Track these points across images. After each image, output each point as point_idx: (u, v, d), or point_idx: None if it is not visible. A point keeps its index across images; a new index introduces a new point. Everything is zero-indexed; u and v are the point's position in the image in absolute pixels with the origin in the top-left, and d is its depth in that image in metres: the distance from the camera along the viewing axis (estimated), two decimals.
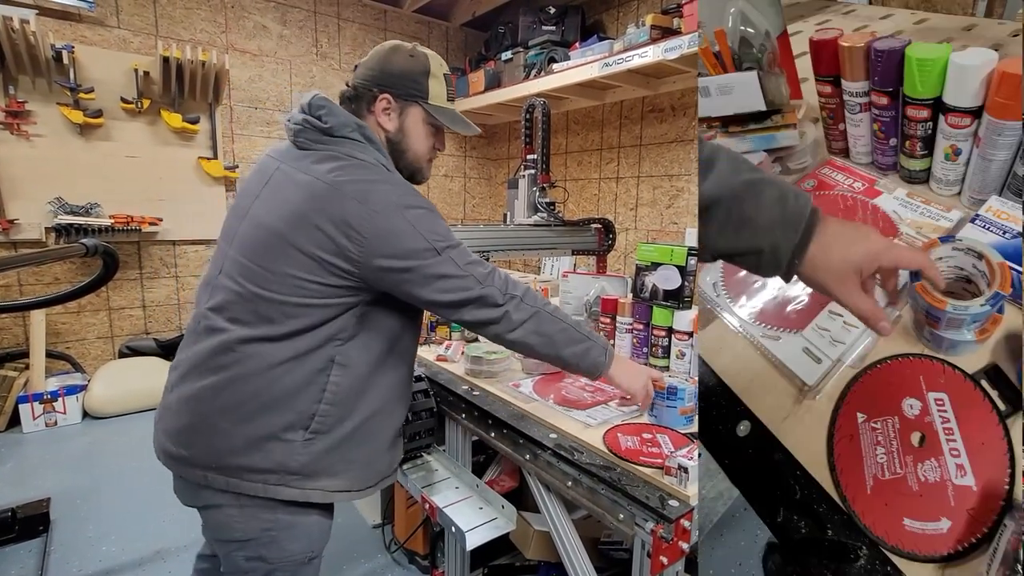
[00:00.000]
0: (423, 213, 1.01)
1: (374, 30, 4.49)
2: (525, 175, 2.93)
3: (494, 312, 1.04)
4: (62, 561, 2.00)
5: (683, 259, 1.45)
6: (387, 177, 1.03)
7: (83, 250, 1.71)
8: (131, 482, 2.52)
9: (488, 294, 1.03)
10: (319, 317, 0.98)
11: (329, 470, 1.03)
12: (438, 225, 1.03)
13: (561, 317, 1.10)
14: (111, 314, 3.60)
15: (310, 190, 0.97)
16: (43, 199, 3.21)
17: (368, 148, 1.04)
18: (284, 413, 0.98)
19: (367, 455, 1.09)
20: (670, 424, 1.14)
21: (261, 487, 0.99)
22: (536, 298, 1.09)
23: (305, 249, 0.95)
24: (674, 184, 3.69)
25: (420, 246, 0.98)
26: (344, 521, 2.27)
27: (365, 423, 1.06)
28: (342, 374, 1.01)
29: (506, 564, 1.77)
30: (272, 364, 0.97)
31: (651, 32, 2.99)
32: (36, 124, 3.17)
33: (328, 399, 1.00)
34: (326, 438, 1.01)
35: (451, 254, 1.01)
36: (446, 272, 1.00)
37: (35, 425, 3.08)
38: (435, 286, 1.00)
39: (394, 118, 1.10)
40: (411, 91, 1.09)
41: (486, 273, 1.04)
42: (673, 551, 0.88)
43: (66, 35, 3.24)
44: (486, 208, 5.44)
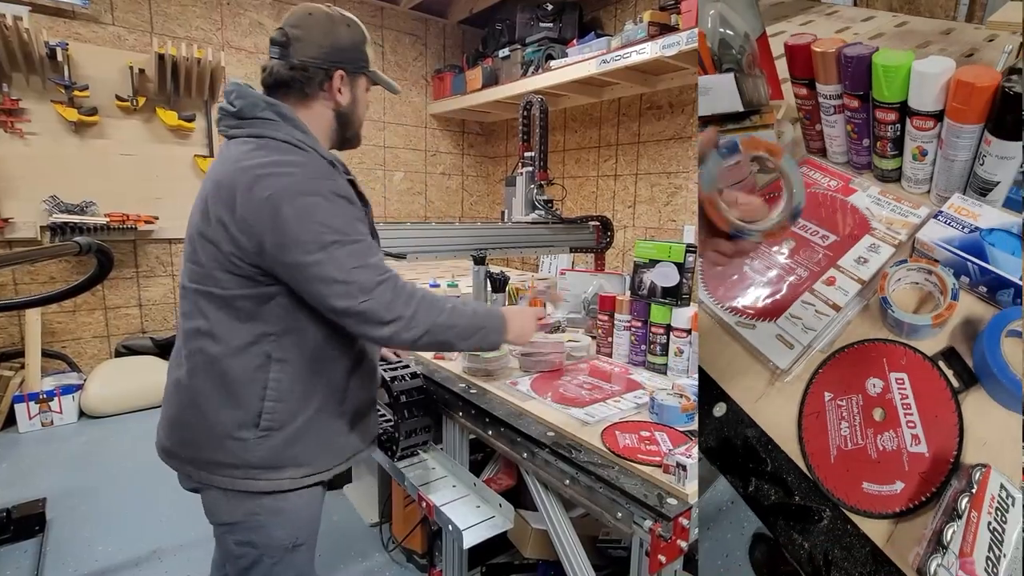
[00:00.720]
0: (316, 202, 0.93)
1: (371, 27, 4.45)
2: (523, 172, 2.92)
3: (379, 331, 0.96)
4: (58, 562, 1.99)
5: (681, 256, 1.45)
6: (292, 159, 0.96)
7: (76, 248, 1.69)
8: (128, 482, 2.51)
9: (369, 310, 0.93)
10: (245, 311, 0.98)
11: (292, 461, 1.04)
12: (333, 217, 0.94)
13: (455, 319, 1.03)
14: (107, 313, 3.58)
15: (216, 181, 0.97)
16: (38, 197, 3.19)
17: (281, 126, 0.99)
18: (233, 410, 1.00)
19: (328, 442, 1.09)
20: (670, 422, 1.13)
21: (229, 480, 1.02)
22: (431, 310, 1.00)
23: (214, 241, 0.96)
24: (672, 181, 3.68)
25: (303, 238, 0.91)
26: (341, 520, 2.26)
27: (317, 415, 1.05)
28: (281, 370, 1.00)
29: (504, 562, 1.76)
30: (215, 359, 0.99)
31: (649, 29, 2.98)
32: (30, 122, 3.15)
33: (272, 396, 1.00)
34: (279, 434, 1.01)
35: (337, 252, 0.92)
36: (327, 274, 0.92)
37: (31, 425, 3.07)
38: (317, 288, 0.93)
39: (347, 92, 1.09)
40: (359, 63, 1.10)
41: (374, 283, 0.94)
42: (671, 549, 0.87)
43: (60, 32, 3.22)
44: (484, 206, 5.43)
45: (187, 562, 1.98)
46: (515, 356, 1.55)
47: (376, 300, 0.94)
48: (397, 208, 4.84)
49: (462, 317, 1.04)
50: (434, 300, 1.02)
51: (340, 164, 1.04)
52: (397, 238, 2.36)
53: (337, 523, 2.24)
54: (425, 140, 4.93)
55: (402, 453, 1.42)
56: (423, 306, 0.99)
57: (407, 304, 0.97)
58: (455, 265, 3.41)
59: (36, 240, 3.22)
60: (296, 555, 1.10)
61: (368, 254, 0.96)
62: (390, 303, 0.95)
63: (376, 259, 0.98)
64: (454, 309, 1.03)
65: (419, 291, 1.01)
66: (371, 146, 4.60)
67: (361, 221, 1.01)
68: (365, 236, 0.99)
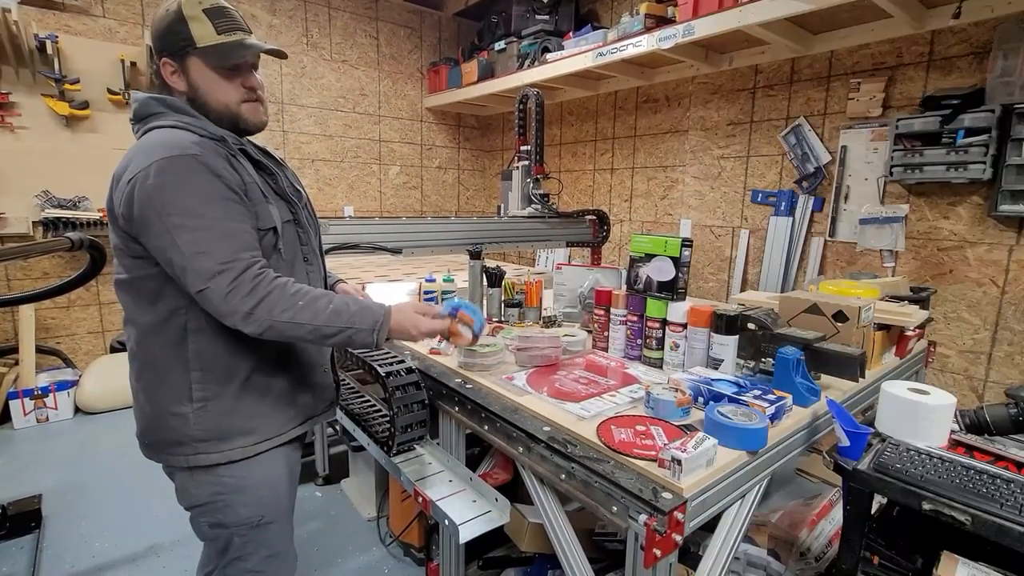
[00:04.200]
0: (167, 181, 0.90)
1: (365, 19, 4.43)
2: (519, 166, 2.91)
3: (224, 319, 0.94)
4: (55, 558, 1.99)
5: (677, 250, 1.44)
6: (159, 139, 0.95)
7: (68, 244, 1.68)
8: (124, 478, 2.52)
9: (207, 298, 0.92)
10: (152, 291, 1.00)
11: (239, 430, 1.05)
12: (184, 196, 0.91)
13: (306, 319, 0.95)
14: (101, 309, 3.57)
15: None
16: (29, 193, 3.16)
17: (168, 114, 1.01)
18: (167, 389, 1.02)
19: (272, 405, 1.09)
20: (666, 416, 1.14)
21: (183, 459, 1.04)
22: (275, 307, 0.93)
23: (113, 231, 1.00)
24: (668, 175, 3.67)
25: (151, 217, 0.91)
26: (339, 514, 2.27)
27: (252, 378, 1.05)
28: (200, 340, 1.00)
29: (501, 556, 1.77)
30: (139, 343, 1.04)
31: (645, 21, 2.96)
32: (21, 116, 3.12)
33: (196, 366, 1.01)
34: (216, 403, 1.02)
35: (182, 236, 0.90)
36: (171, 257, 0.92)
37: (26, 421, 3.06)
38: (170, 269, 0.94)
39: (180, 78, 1.03)
40: (179, 45, 1.00)
41: (212, 272, 0.90)
42: (666, 543, 0.88)
43: (49, 24, 3.18)
44: (480, 200, 5.41)
45: (184, 558, 1.98)
46: (511, 351, 1.55)
47: (212, 290, 0.91)
48: (393, 203, 4.82)
49: (317, 318, 0.96)
50: (285, 298, 0.95)
51: (233, 139, 1.02)
52: (393, 233, 2.35)
53: (334, 518, 2.25)
54: (421, 134, 4.91)
55: (398, 448, 1.42)
56: (267, 303, 0.93)
57: (246, 299, 0.92)
58: (451, 260, 3.40)
59: (28, 236, 3.19)
60: (265, 532, 1.12)
61: (214, 240, 0.92)
62: (227, 295, 0.91)
63: (224, 246, 0.92)
64: (305, 307, 0.96)
65: (273, 285, 0.94)
66: (366, 140, 4.58)
67: (228, 200, 0.95)
68: (219, 220, 0.93)
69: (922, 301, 1.76)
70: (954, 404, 1.15)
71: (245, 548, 1.11)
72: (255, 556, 1.13)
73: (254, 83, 1.07)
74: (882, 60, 2.62)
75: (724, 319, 1.34)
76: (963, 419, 1.25)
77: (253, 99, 1.07)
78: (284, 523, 1.17)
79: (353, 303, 1.02)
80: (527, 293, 1.95)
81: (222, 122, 1.05)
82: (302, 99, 4.22)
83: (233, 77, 1.04)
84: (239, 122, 1.06)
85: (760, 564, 1.69)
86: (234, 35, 1.02)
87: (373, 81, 4.55)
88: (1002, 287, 2.34)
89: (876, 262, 2.69)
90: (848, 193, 2.78)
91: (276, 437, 1.11)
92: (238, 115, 1.06)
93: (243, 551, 1.11)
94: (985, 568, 0.95)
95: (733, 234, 3.34)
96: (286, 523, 1.18)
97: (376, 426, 1.58)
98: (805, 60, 2.90)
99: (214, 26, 1.00)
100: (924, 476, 1.02)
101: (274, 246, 1.04)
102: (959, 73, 2.39)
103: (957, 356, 2.50)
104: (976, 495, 0.96)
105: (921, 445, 1.13)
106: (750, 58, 3.05)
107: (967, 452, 1.13)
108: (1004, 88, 2.20)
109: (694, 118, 3.47)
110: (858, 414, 1.41)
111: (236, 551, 1.11)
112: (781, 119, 3.03)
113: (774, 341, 1.28)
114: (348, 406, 1.74)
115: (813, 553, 1.75)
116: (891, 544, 1.18)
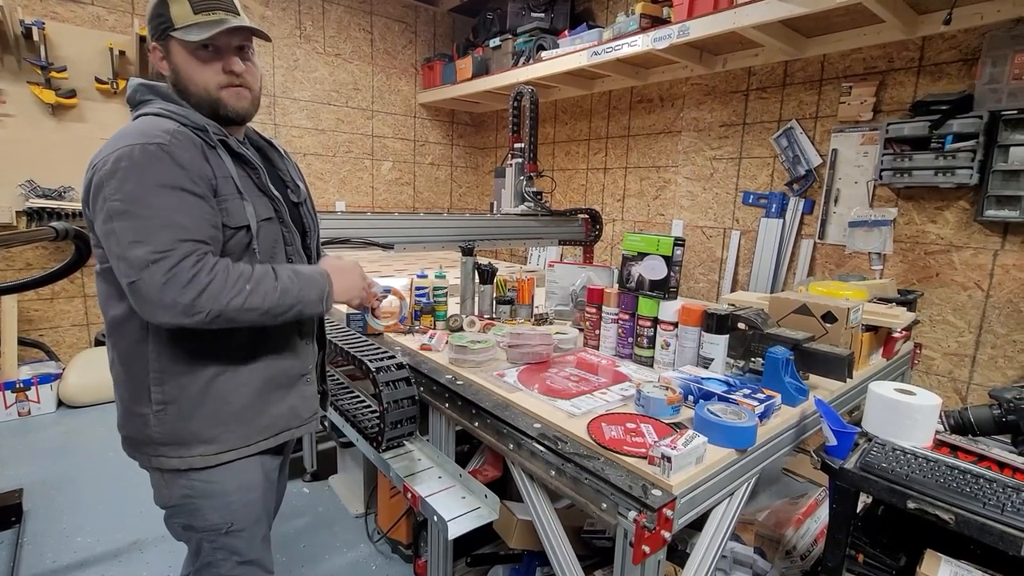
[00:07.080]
0: (121, 168, 0.86)
1: (359, 13, 4.40)
2: (512, 164, 2.90)
3: (156, 315, 0.87)
4: (35, 553, 1.95)
5: (669, 249, 1.45)
6: (133, 127, 0.93)
7: (53, 234, 1.64)
8: (107, 472, 2.48)
9: (138, 290, 0.85)
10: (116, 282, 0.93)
11: (199, 436, 1.00)
12: (134, 185, 0.86)
13: (256, 302, 0.92)
14: (86, 301, 3.51)
15: None
16: (13, 182, 3.10)
17: (155, 101, 0.99)
18: (130, 386, 1.01)
19: (236, 416, 1.02)
20: (656, 414, 1.14)
21: (145, 459, 1.03)
22: (221, 295, 0.88)
23: (84, 216, 0.98)
24: (661, 175, 3.69)
25: (98, 204, 0.88)
26: (327, 511, 2.25)
27: (211, 384, 0.99)
28: (159, 342, 0.97)
29: (490, 553, 1.77)
30: (109, 334, 1.02)
31: (641, 21, 2.96)
32: (5, 104, 3.06)
33: (155, 368, 0.98)
34: (173, 408, 0.99)
35: (119, 224, 0.85)
36: (111, 247, 0.87)
37: (7, 414, 3.01)
38: (113, 263, 0.89)
39: (166, 64, 1.00)
40: (162, 30, 0.97)
41: (145, 263, 0.84)
42: (655, 540, 0.88)
43: (36, 11, 3.12)
44: (473, 197, 5.40)
45: (168, 553, 1.96)
46: (503, 348, 1.55)
47: (144, 281, 0.84)
48: (385, 198, 4.79)
49: (266, 300, 0.93)
50: (230, 284, 0.90)
51: (215, 128, 0.98)
52: (385, 228, 2.33)
53: (322, 514, 2.23)
54: (414, 130, 4.88)
55: (388, 444, 1.41)
56: (211, 291, 0.87)
57: (185, 290, 0.85)
58: (443, 256, 3.39)
59: (12, 226, 3.13)
60: (235, 540, 1.08)
61: (154, 229, 0.86)
62: (162, 286, 0.84)
63: (164, 235, 0.86)
64: (253, 292, 0.92)
65: (214, 272, 0.89)
66: (359, 135, 4.54)
67: (185, 192, 0.89)
68: (166, 211, 0.87)
69: (909, 303, 1.79)
70: (939, 405, 1.17)
71: (215, 555, 1.08)
72: (227, 563, 1.09)
73: (236, 67, 1.00)
74: (874, 65, 2.65)
75: (715, 318, 1.35)
76: (948, 420, 1.27)
77: (236, 84, 1.01)
78: (255, 531, 1.11)
79: (296, 277, 0.98)
80: (519, 290, 1.95)
81: (202, 108, 1.00)
82: (294, 92, 4.18)
83: (212, 60, 0.98)
84: (219, 108, 1.00)
85: (747, 562, 1.70)
86: (212, 14, 0.96)
87: (366, 75, 4.51)
88: (987, 291, 2.38)
89: (864, 264, 2.72)
90: (838, 196, 2.81)
91: (242, 448, 1.04)
92: (218, 100, 1.00)
93: (213, 557, 1.08)
94: (967, 566, 0.96)
95: (724, 235, 3.36)
96: (258, 531, 1.12)
97: (365, 422, 1.57)
98: (798, 63, 2.92)
99: (191, 6, 0.95)
100: (909, 475, 1.03)
101: (247, 246, 0.99)
102: (948, 79, 2.42)
103: (942, 358, 2.54)
104: (960, 494, 0.98)
105: (907, 445, 1.14)
106: (744, 60, 3.07)
107: (951, 452, 1.14)
108: (992, 95, 2.23)
109: (687, 119, 3.49)
110: (845, 414, 1.42)
111: (207, 556, 1.08)
112: (773, 121, 3.05)
113: (764, 341, 1.29)
114: (337, 402, 1.72)
115: (799, 551, 1.77)
116: (876, 542, 1.20)
